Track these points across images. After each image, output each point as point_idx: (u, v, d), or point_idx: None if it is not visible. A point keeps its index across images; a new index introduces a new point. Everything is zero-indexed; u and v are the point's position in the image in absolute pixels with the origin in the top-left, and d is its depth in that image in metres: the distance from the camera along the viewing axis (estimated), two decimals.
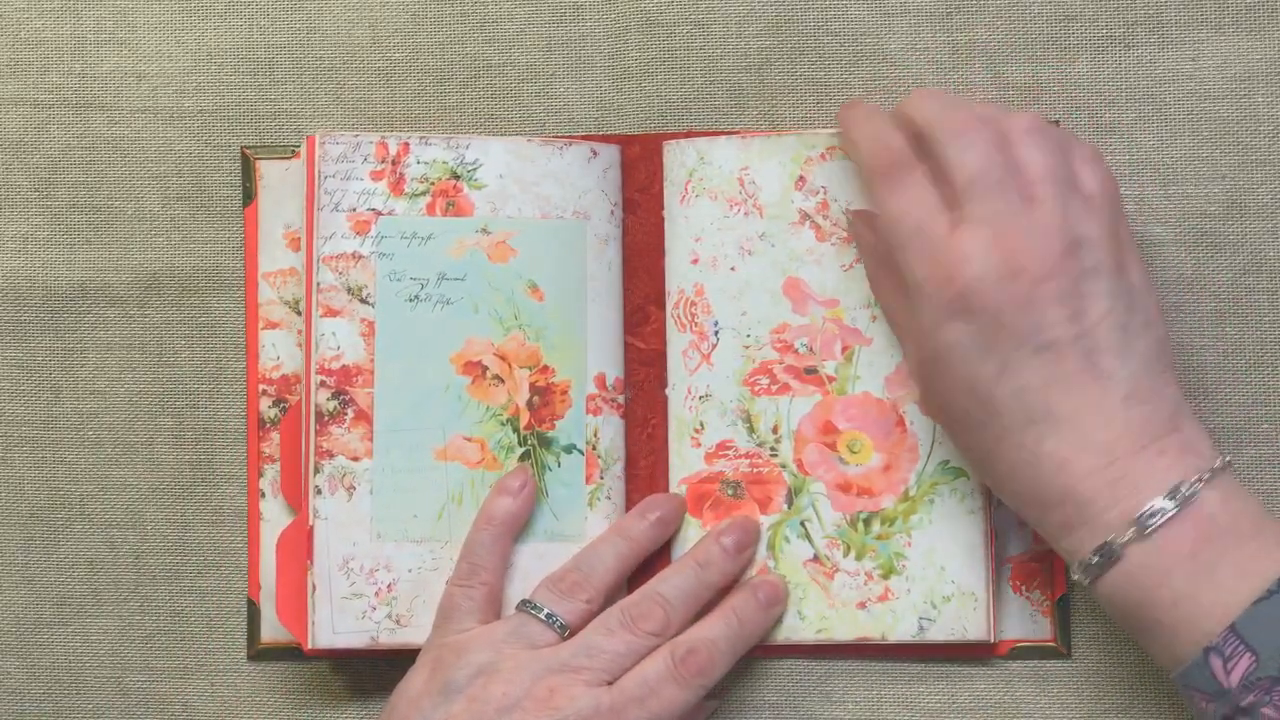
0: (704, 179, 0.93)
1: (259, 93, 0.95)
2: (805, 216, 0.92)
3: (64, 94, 0.95)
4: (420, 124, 0.95)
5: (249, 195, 0.95)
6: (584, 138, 0.94)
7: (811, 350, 0.92)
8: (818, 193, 0.92)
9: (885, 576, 0.91)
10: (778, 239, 0.92)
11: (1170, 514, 0.79)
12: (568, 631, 0.88)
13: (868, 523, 0.91)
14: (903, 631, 0.91)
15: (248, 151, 0.95)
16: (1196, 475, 0.80)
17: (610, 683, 0.86)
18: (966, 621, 0.91)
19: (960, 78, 0.94)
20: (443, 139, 0.93)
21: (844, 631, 0.91)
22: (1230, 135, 0.94)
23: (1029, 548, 0.93)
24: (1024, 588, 0.93)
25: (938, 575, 0.91)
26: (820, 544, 0.92)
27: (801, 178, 0.92)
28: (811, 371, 0.92)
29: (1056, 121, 0.93)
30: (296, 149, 0.95)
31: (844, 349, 0.92)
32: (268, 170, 0.95)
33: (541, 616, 0.88)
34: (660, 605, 0.88)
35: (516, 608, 0.89)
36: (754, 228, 0.92)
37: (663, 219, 0.95)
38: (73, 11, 0.95)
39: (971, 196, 0.82)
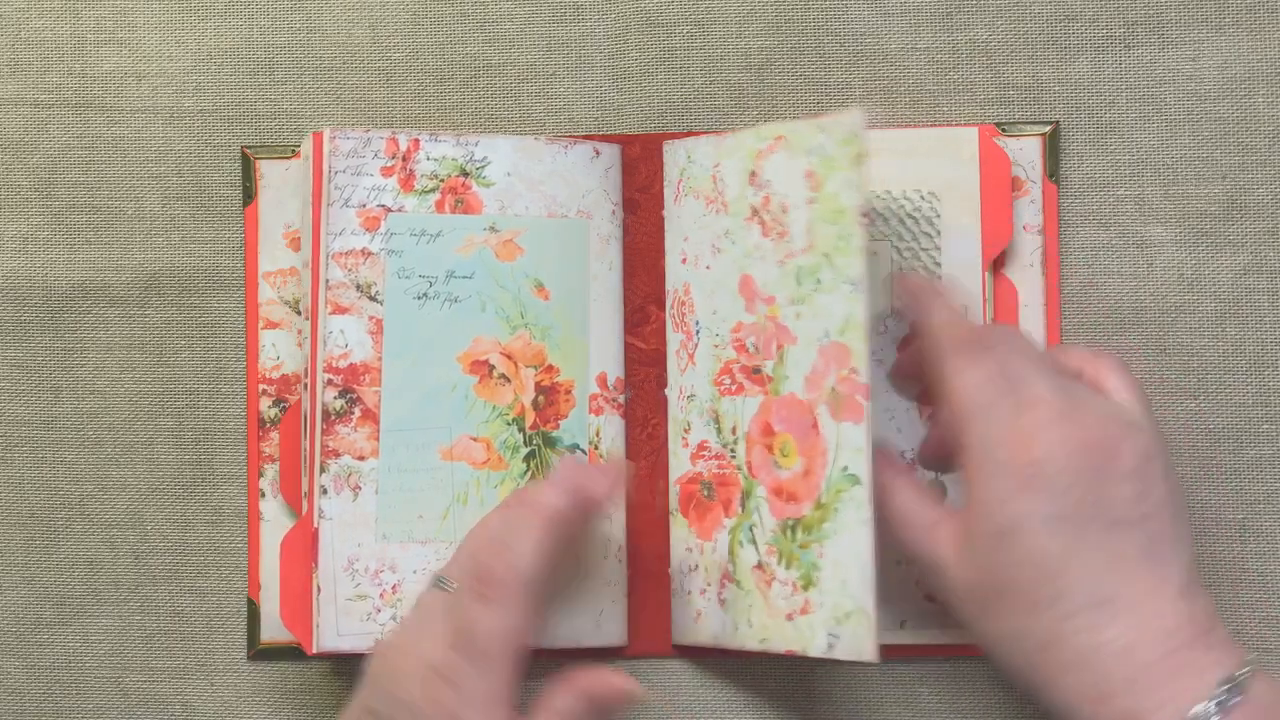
0: (691, 178, 0.93)
1: (259, 93, 0.95)
2: (754, 212, 0.90)
3: (64, 94, 0.95)
4: (420, 124, 0.95)
5: (249, 195, 0.95)
6: (586, 137, 0.94)
7: (757, 349, 0.90)
8: (763, 187, 0.90)
9: (805, 588, 0.87)
10: (736, 236, 0.91)
11: (1235, 701, 0.77)
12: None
13: (794, 530, 0.88)
14: (817, 647, 0.86)
15: (248, 151, 0.95)
16: (1246, 667, 0.78)
17: None
18: (862, 641, 0.84)
19: (960, 78, 0.95)
20: (452, 136, 0.93)
21: (779, 642, 0.88)
22: (1230, 135, 0.94)
23: None
24: None
25: (841, 589, 0.85)
26: (762, 550, 0.89)
27: (753, 173, 0.90)
28: (756, 371, 0.90)
29: (1055, 123, 0.93)
30: (296, 149, 0.95)
31: (778, 347, 0.89)
32: (268, 170, 0.95)
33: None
34: None
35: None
36: (721, 225, 0.92)
37: (663, 219, 0.95)
38: (73, 11, 0.95)
39: (1037, 380, 0.81)
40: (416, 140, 0.93)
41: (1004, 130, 0.94)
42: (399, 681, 0.81)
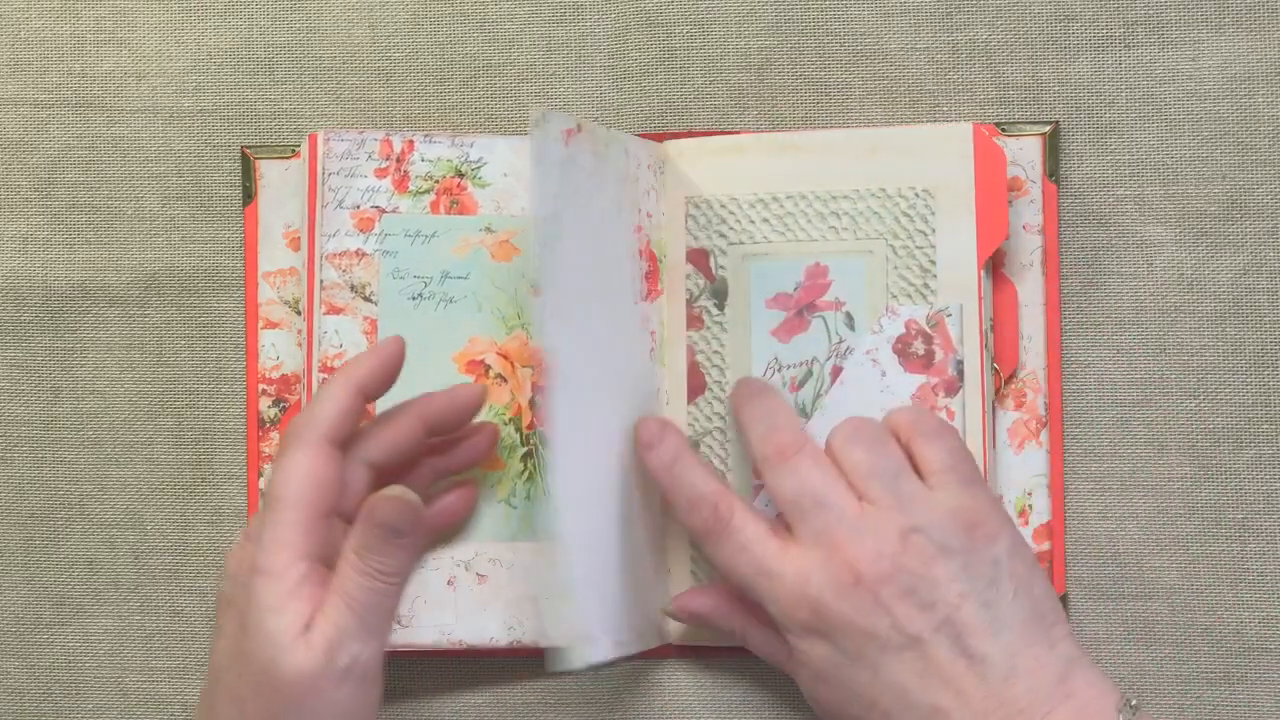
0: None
1: (259, 93, 0.95)
2: None
3: (64, 94, 0.95)
4: (420, 124, 0.95)
5: (249, 195, 0.95)
6: None
7: None
8: None
9: None
10: None
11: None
12: None
13: None
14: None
15: (248, 151, 0.95)
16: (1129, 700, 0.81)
17: None
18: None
19: (960, 78, 0.95)
20: (447, 137, 0.93)
21: None
22: (1230, 135, 0.94)
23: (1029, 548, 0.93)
24: None
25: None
26: None
27: None
28: None
29: (1055, 123, 0.93)
30: (296, 149, 0.95)
31: None
32: (268, 170, 0.95)
33: None
34: None
35: None
36: None
37: None
38: (73, 11, 0.95)
39: (797, 518, 0.84)
40: (411, 141, 0.93)
41: (1004, 130, 0.94)
42: (225, 566, 0.82)
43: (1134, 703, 0.81)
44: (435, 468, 0.90)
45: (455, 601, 0.92)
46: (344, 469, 0.82)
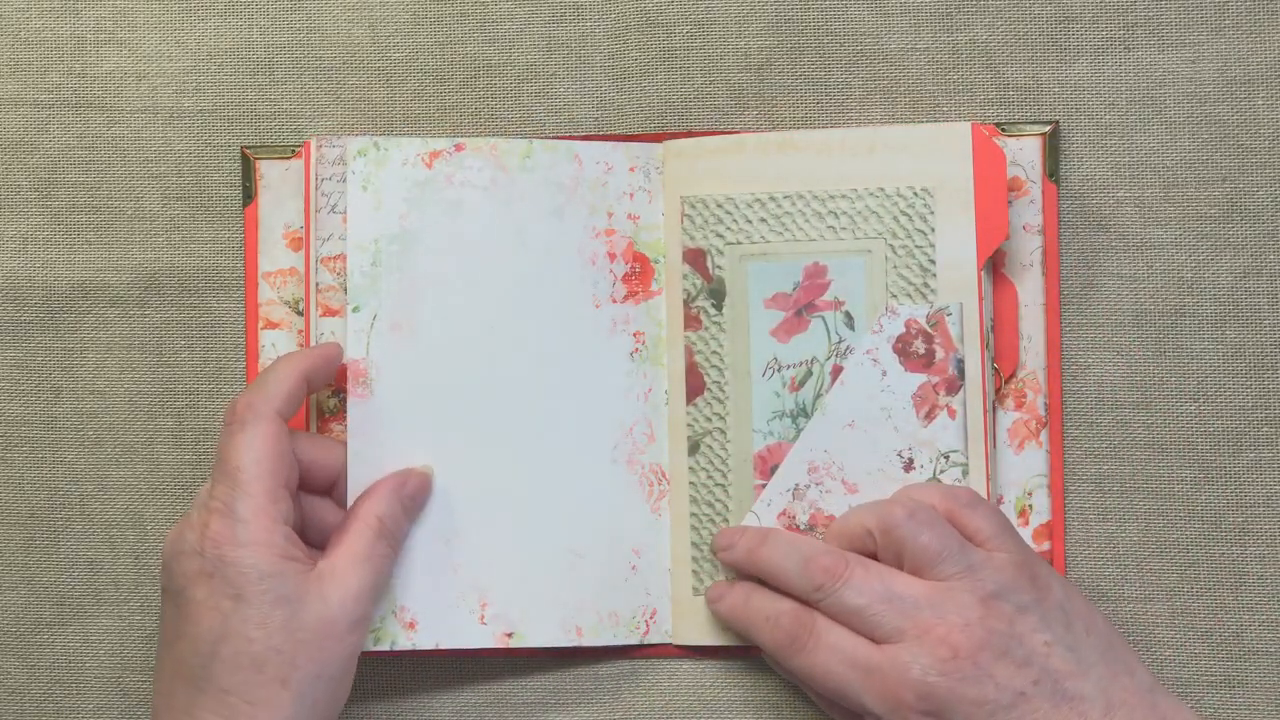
0: None
1: (259, 93, 0.95)
2: None
3: (64, 94, 0.95)
4: (420, 124, 0.95)
5: (249, 195, 0.95)
6: (584, 137, 0.94)
7: None
8: None
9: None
10: None
11: None
12: None
13: None
14: None
15: (248, 151, 0.95)
16: None
17: None
18: None
19: (960, 78, 0.94)
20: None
21: None
22: (1230, 137, 0.94)
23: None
24: None
25: None
26: None
27: None
28: None
29: (1055, 123, 0.93)
30: (296, 149, 0.95)
31: None
32: (268, 170, 0.95)
33: None
34: None
35: None
36: None
37: None
38: (73, 11, 0.95)
39: (875, 623, 0.86)
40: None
41: (1004, 130, 0.93)
42: (178, 543, 0.84)
43: None
44: None
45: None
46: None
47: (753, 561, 0.90)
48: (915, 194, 0.92)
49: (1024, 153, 0.94)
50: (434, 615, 0.91)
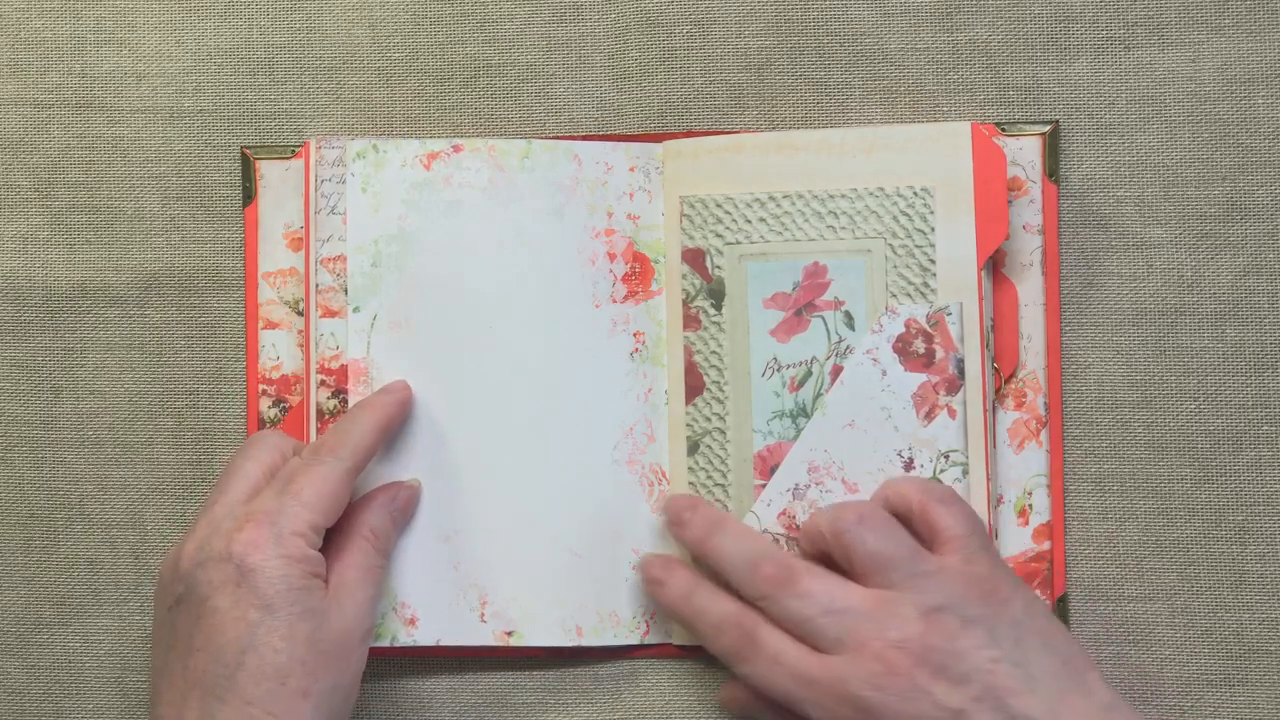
0: None
1: (259, 93, 0.95)
2: None
3: (64, 94, 0.95)
4: (420, 124, 0.95)
5: (249, 195, 0.95)
6: (584, 137, 0.94)
7: None
8: None
9: None
10: None
11: None
12: None
13: None
14: None
15: (248, 151, 0.95)
16: None
17: None
18: None
19: (960, 78, 0.94)
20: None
21: None
22: (1230, 136, 0.94)
23: (1029, 548, 0.93)
24: None
25: None
26: None
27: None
28: None
29: (1055, 123, 0.93)
30: (296, 149, 0.95)
31: None
32: (268, 170, 0.95)
33: None
34: None
35: None
36: None
37: None
38: (73, 11, 0.95)
39: (817, 633, 0.85)
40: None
41: (1004, 130, 0.94)
42: (201, 550, 0.84)
43: None
44: None
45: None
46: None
47: (703, 551, 0.90)
48: (915, 194, 0.92)
49: (1024, 153, 0.94)
50: (434, 612, 0.91)
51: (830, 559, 0.88)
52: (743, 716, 0.93)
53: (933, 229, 0.91)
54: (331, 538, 0.86)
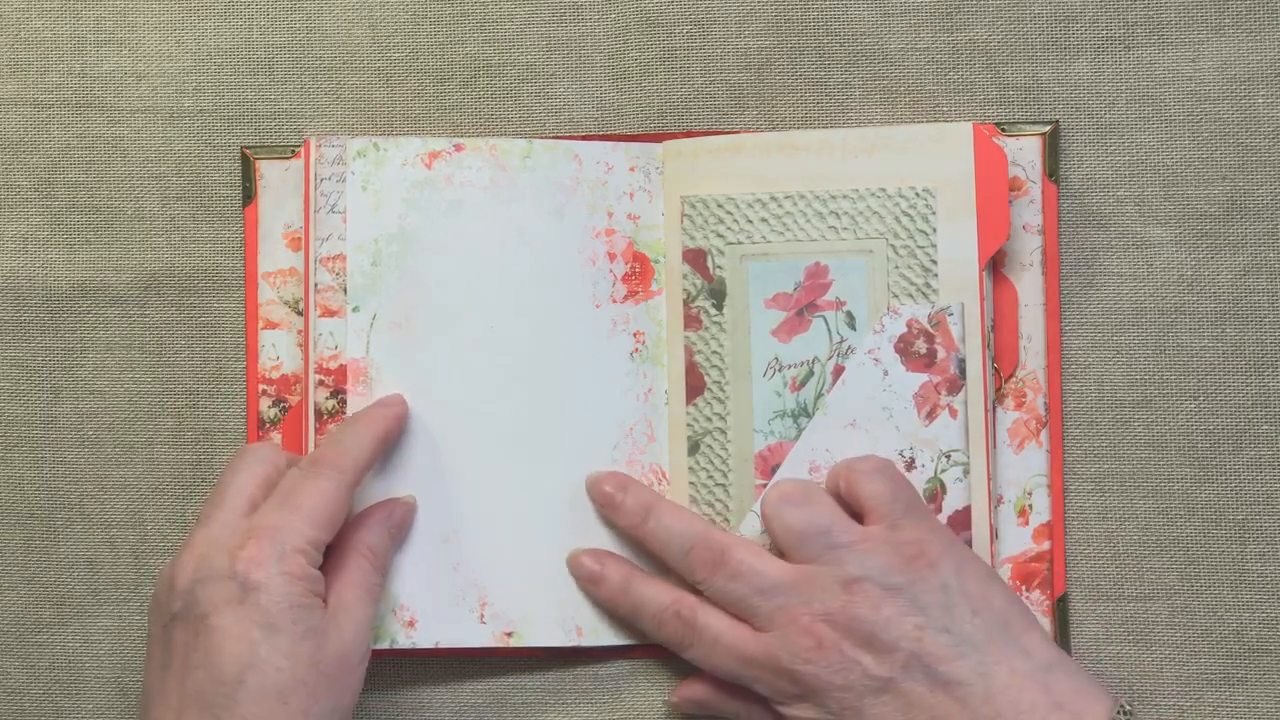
0: None
1: (259, 93, 0.95)
2: None
3: (64, 94, 0.95)
4: (420, 124, 0.95)
5: (249, 195, 0.95)
6: (584, 137, 0.94)
7: None
8: None
9: None
10: None
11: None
12: None
13: None
14: None
15: (248, 151, 0.95)
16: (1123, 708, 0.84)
17: None
18: None
19: (960, 78, 0.94)
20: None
21: None
22: (1230, 136, 0.94)
23: (1029, 548, 0.93)
24: (1024, 588, 0.93)
25: None
26: None
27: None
28: None
29: (1055, 123, 0.93)
30: (296, 149, 0.95)
31: None
32: (268, 170, 0.95)
33: None
34: None
35: None
36: None
37: None
38: (73, 11, 0.95)
39: (750, 611, 0.87)
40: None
41: (1004, 130, 0.94)
42: (201, 568, 0.83)
43: (1128, 708, 0.82)
44: None
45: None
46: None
47: (638, 536, 0.91)
48: (916, 194, 0.92)
49: (1024, 153, 0.94)
50: (433, 614, 0.91)
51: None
52: (704, 713, 0.93)
53: (934, 229, 0.91)
54: (328, 555, 0.86)
